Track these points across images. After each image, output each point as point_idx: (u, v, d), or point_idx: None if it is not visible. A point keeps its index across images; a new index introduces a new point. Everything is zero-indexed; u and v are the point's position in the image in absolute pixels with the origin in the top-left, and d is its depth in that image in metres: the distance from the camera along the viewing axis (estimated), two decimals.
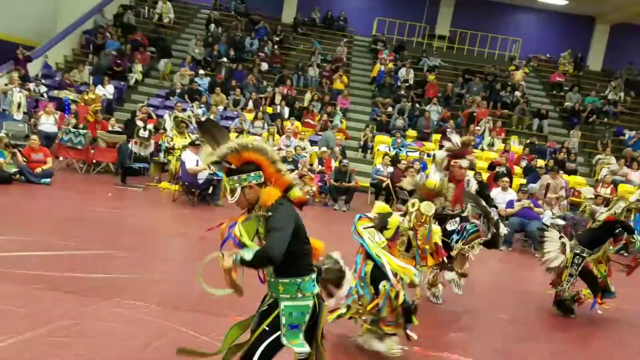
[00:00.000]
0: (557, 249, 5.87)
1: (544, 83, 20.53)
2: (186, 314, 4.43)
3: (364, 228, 4.13)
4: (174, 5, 20.60)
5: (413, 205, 4.28)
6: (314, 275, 2.78)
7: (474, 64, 20.12)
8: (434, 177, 5.36)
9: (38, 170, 9.20)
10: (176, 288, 5.08)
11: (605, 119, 18.30)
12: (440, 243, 4.48)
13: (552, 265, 5.89)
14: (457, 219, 5.43)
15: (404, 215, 4.36)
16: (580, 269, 5.75)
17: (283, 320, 2.70)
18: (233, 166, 2.73)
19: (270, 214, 2.64)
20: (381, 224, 4.23)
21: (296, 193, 2.81)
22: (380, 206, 4.50)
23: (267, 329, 2.73)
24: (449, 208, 5.47)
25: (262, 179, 2.76)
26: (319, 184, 11.51)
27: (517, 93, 18.23)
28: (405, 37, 21.40)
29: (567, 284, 5.76)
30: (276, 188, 2.72)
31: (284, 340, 2.69)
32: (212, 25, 19.46)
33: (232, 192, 2.75)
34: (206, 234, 3.67)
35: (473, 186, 5.60)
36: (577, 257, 5.74)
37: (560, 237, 5.98)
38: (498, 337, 5.09)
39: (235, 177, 2.73)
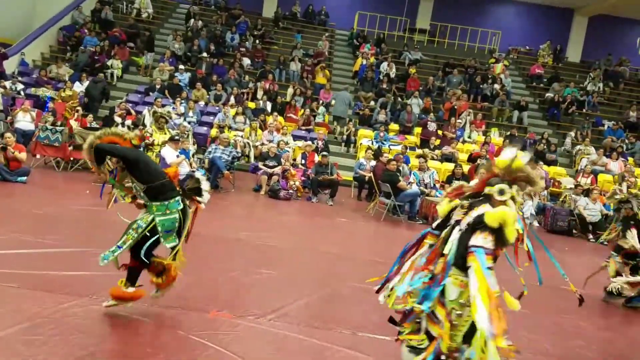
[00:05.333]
0: None
1: (523, 75, 20.71)
2: (165, 310, 4.38)
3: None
4: (152, 0, 20.38)
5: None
6: (177, 197, 4.08)
7: (455, 57, 20.24)
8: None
9: (18, 155, 9.07)
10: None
11: (585, 110, 18.54)
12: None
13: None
14: None
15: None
16: None
17: (159, 228, 3.98)
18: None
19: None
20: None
21: (134, 142, 4.11)
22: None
23: (148, 234, 3.99)
24: None
25: None
26: (302, 178, 11.49)
27: (497, 85, 18.37)
28: (386, 31, 21.43)
29: None
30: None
31: (162, 240, 4.04)
32: (192, 20, 19.29)
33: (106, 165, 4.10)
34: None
35: None
36: None
37: None
38: None
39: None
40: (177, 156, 9.11)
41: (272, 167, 11.30)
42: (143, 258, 4.00)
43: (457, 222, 3.29)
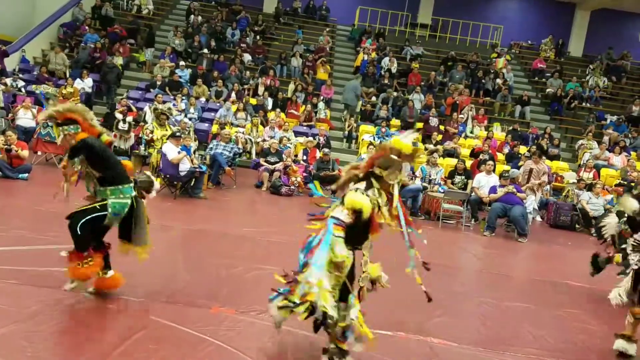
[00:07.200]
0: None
1: (525, 70, 20.63)
2: (167, 306, 4.36)
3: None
4: None
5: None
6: (131, 184, 4.27)
7: (457, 52, 20.15)
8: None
9: (21, 153, 9.09)
10: (156, 280, 5.01)
11: (587, 104, 18.45)
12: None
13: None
14: None
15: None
16: None
17: (109, 209, 4.16)
18: (59, 121, 4.21)
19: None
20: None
21: (105, 138, 4.29)
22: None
23: (98, 207, 4.19)
24: None
25: (79, 130, 4.17)
26: (304, 174, 11.46)
27: (499, 80, 18.30)
28: (387, 25, 21.36)
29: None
30: (85, 133, 4.16)
31: (106, 220, 4.19)
32: (192, 16, 19.24)
33: (58, 136, 4.26)
34: (190, 228, 3.57)
35: None
36: None
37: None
38: (482, 321, 5.09)
39: (60, 128, 4.20)
40: (179, 152, 9.08)
41: (273, 163, 11.28)
42: (78, 230, 4.11)
43: None
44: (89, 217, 4.17)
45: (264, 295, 4.93)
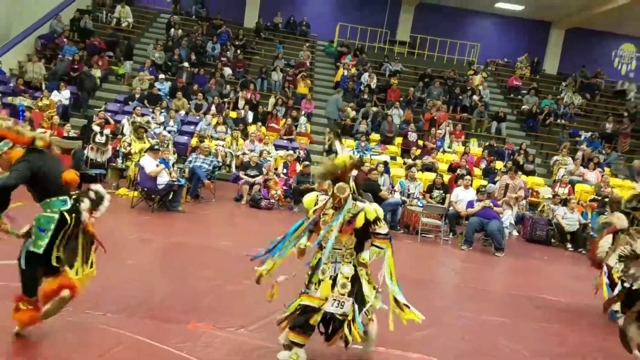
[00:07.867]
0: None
1: (501, 87, 21.00)
2: (143, 322, 4.30)
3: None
4: (132, 10, 20.28)
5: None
6: (62, 197, 3.80)
7: (434, 69, 20.43)
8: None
9: None
10: (133, 295, 4.94)
11: (562, 121, 18.84)
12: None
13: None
14: None
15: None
16: None
17: (34, 222, 3.75)
18: None
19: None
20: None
21: (39, 143, 3.78)
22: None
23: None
24: None
25: (11, 144, 3.74)
26: (284, 187, 11.45)
27: (475, 97, 18.59)
28: (367, 42, 21.60)
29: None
30: (20, 150, 3.73)
31: (29, 239, 3.74)
32: (173, 30, 19.21)
33: None
34: (169, 241, 3.55)
35: None
36: None
37: None
38: (461, 335, 5.12)
39: None
40: (157, 165, 9.01)
41: (253, 176, 11.25)
42: (22, 264, 3.70)
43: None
44: (25, 245, 3.76)
45: (242, 310, 4.88)
